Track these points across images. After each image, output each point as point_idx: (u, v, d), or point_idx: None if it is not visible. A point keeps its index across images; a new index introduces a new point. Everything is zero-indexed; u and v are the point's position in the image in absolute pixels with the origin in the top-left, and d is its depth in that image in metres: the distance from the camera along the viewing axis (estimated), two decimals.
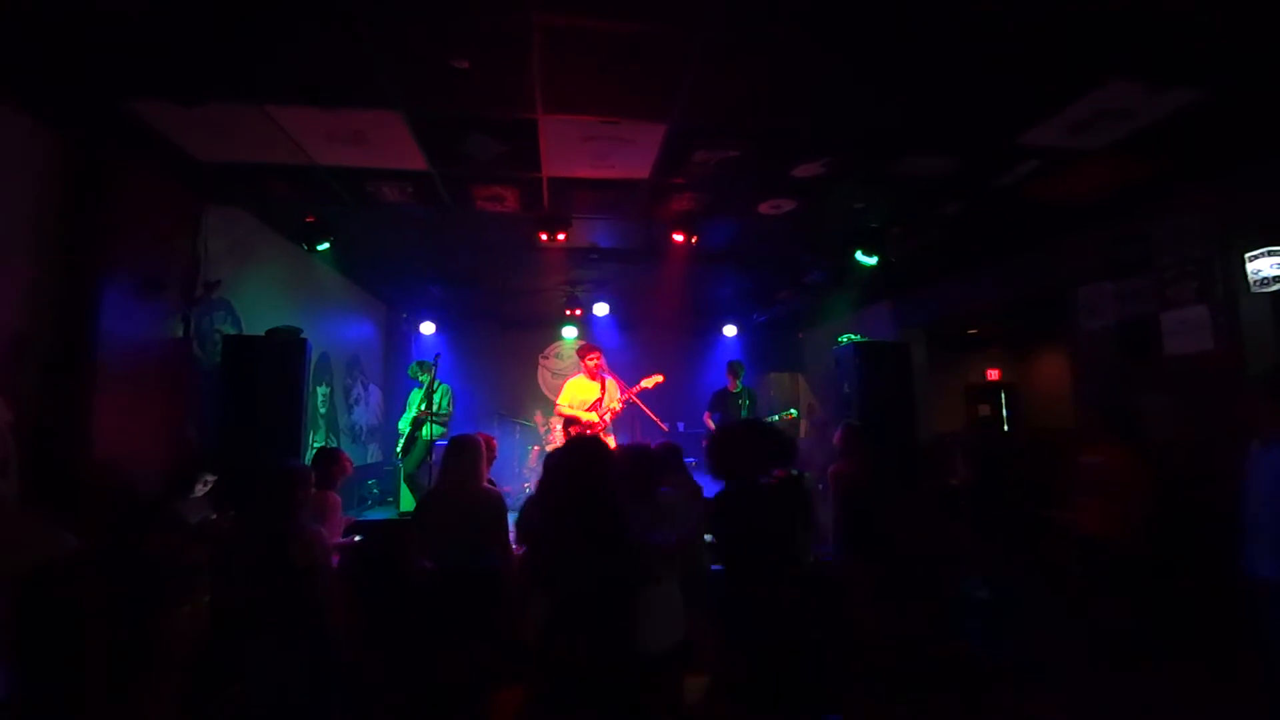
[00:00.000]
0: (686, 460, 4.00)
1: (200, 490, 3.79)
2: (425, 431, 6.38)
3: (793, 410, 7.40)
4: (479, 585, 3.19)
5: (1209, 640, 3.95)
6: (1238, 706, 3.52)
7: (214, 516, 3.67)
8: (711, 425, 7.14)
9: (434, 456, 6.51)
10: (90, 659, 3.13)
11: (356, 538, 3.99)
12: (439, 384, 6.61)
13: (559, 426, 7.35)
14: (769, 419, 7.06)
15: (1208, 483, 4.18)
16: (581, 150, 3.98)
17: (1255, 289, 4.07)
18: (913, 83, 3.24)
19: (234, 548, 2.95)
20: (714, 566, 3.20)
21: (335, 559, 3.92)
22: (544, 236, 5.24)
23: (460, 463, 3.39)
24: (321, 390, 6.88)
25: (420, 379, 6.73)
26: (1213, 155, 4.07)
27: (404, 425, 6.74)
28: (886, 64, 3.08)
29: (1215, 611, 3.92)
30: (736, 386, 7.20)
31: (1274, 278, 3.98)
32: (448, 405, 6.86)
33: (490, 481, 3.67)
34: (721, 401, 7.22)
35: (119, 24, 2.73)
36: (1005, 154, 4.05)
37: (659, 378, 6.48)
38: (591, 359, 6.29)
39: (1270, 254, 3.99)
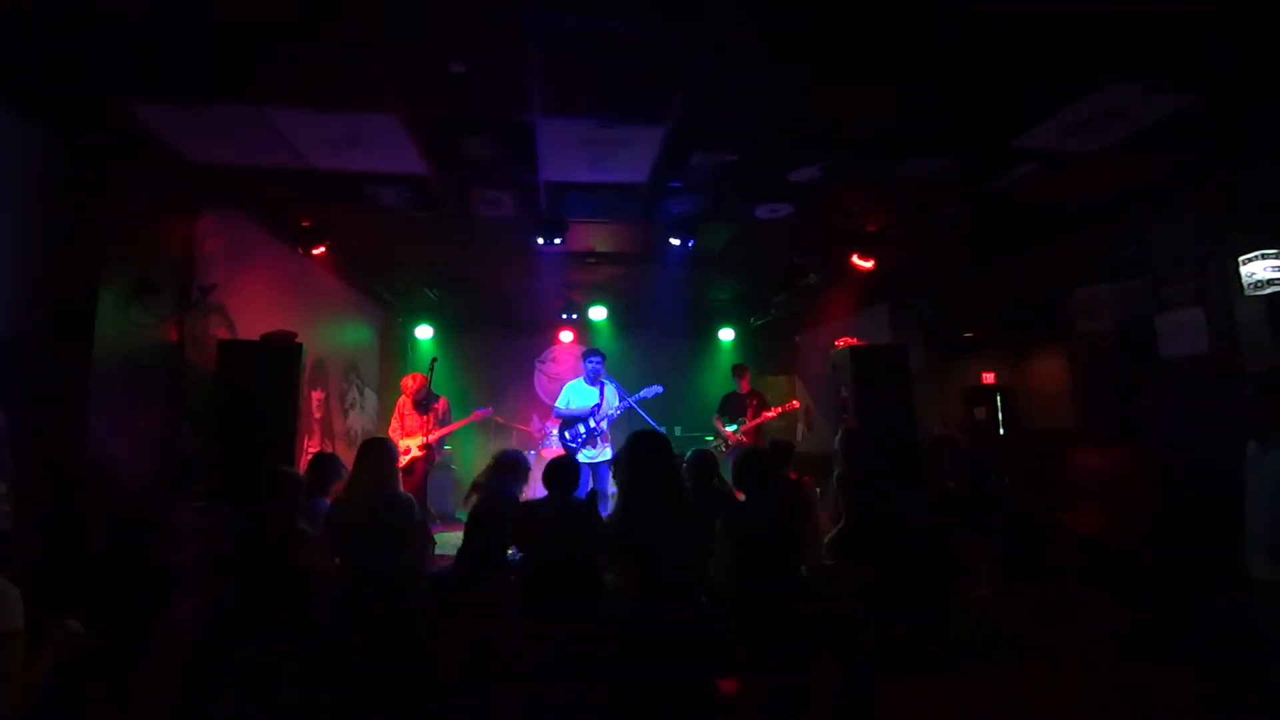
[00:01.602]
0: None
1: (193, 492, 3.75)
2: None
3: (795, 400, 7.39)
4: (390, 589, 3.17)
5: (1208, 641, 3.95)
6: (1237, 708, 3.51)
7: (205, 518, 3.64)
8: (721, 427, 7.12)
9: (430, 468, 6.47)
10: (86, 661, 3.09)
11: None
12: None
13: (555, 430, 7.33)
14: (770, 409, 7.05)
15: (1206, 484, 4.19)
16: (579, 154, 3.99)
17: (1250, 291, 4.08)
18: (910, 86, 3.25)
19: (229, 549, 2.91)
20: None
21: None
22: (541, 240, 5.24)
23: (368, 466, 3.36)
24: (316, 395, 6.84)
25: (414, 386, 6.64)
26: (1208, 159, 4.09)
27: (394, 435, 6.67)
28: (884, 67, 3.09)
29: (1214, 612, 3.92)
30: (741, 389, 7.19)
31: (1268, 280, 3.99)
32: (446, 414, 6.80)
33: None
34: (729, 404, 7.21)
35: (115, 26, 2.72)
36: (1002, 157, 4.06)
37: (658, 389, 6.49)
38: (592, 363, 6.28)
39: (1264, 257, 4.00)
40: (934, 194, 4.68)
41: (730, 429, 7.02)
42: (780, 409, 7.20)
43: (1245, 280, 4.09)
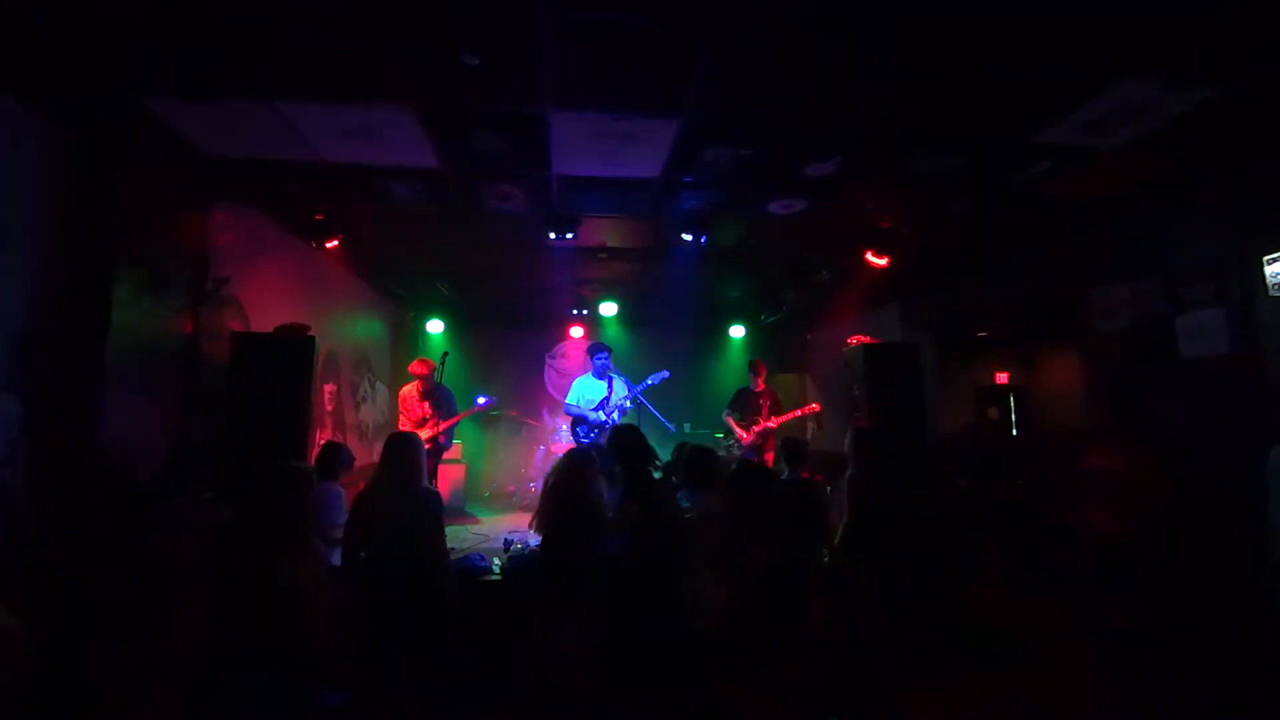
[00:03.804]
0: None
1: (199, 486, 3.76)
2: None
3: (814, 405, 7.29)
4: (414, 584, 3.16)
5: (1223, 645, 3.89)
6: (1251, 711, 3.46)
7: (209, 512, 3.63)
8: (732, 423, 7.02)
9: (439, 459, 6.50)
10: (94, 657, 3.11)
11: None
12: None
13: (565, 426, 7.33)
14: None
15: (1223, 487, 4.13)
16: (592, 148, 3.97)
17: (1273, 292, 4.01)
18: (927, 79, 3.21)
19: (227, 552, 2.82)
20: None
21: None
22: (553, 235, 5.23)
23: (399, 459, 3.36)
24: (328, 388, 6.87)
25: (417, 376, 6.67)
26: (1231, 155, 4.02)
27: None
28: (900, 60, 3.04)
29: (1229, 615, 3.86)
30: (756, 385, 7.06)
31: None
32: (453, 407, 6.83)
33: None
34: (741, 401, 7.08)
35: (127, 19, 2.72)
36: (1019, 152, 4.01)
37: (665, 374, 6.42)
38: (599, 358, 6.27)
39: None
40: (949, 190, 4.63)
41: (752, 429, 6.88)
42: (800, 411, 7.10)
43: (1270, 280, 4.01)
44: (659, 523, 3.10)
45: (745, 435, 6.79)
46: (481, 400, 7.04)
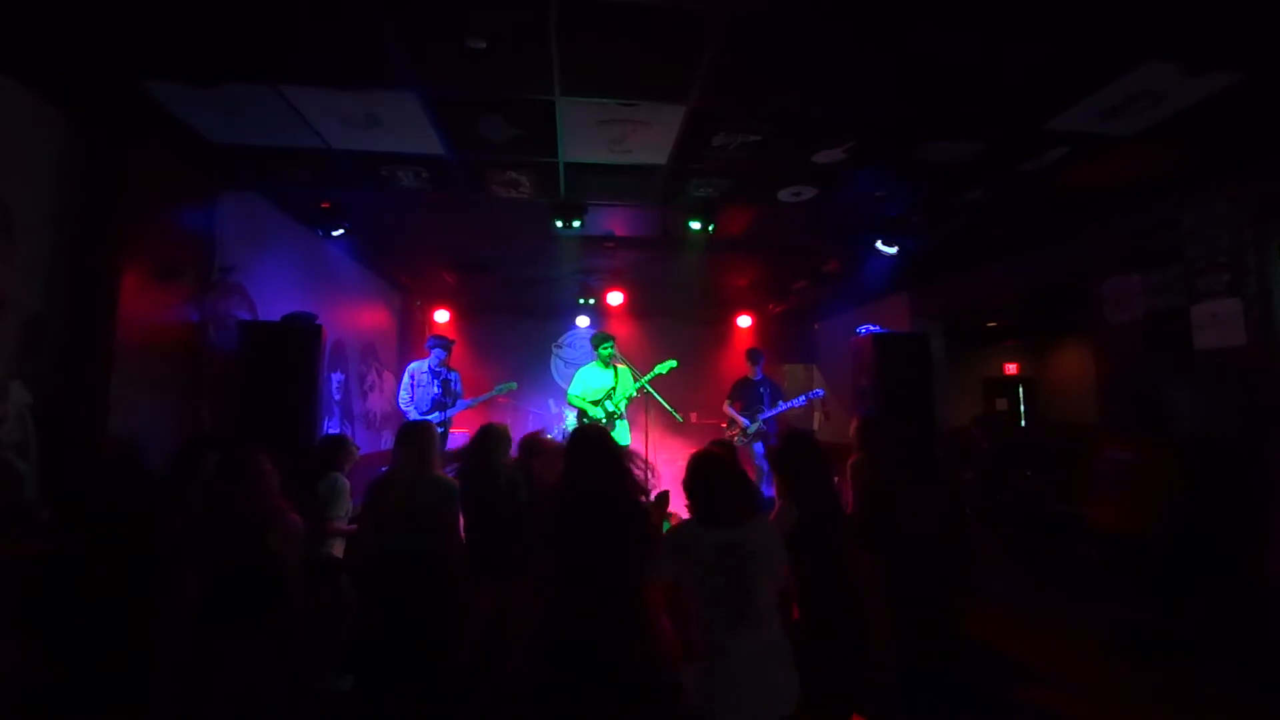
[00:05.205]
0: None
1: (210, 473, 3.77)
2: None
3: (819, 391, 7.26)
4: (428, 571, 3.16)
5: (1234, 639, 3.86)
6: (1262, 707, 3.44)
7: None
8: (733, 414, 7.00)
9: (446, 446, 6.49)
10: (105, 642, 3.14)
11: None
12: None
13: (572, 416, 7.32)
14: (795, 402, 6.90)
15: (1237, 481, 4.08)
16: (599, 134, 3.93)
17: None
18: (940, 63, 3.15)
19: (206, 531, 2.81)
20: None
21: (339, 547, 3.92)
22: (559, 224, 5.20)
23: (412, 448, 3.36)
24: (336, 377, 6.89)
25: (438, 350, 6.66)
26: (1248, 142, 3.94)
27: (404, 404, 6.67)
28: (913, 44, 2.99)
29: (1240, 610, 3.83)
30: (755, 374, 7.05)
31: None
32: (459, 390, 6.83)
33: None
34: (743, 390, 7.08)
35: (133, 5, 2.70)
36: (1034, 140, 3.95)
37: (673, 363, 6.39)
38: (605, 348, 6.24)
39: None
40: (961, 178, 4.57)
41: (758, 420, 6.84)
42: (823, 411, 7.04)
43: None
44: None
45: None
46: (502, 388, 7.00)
